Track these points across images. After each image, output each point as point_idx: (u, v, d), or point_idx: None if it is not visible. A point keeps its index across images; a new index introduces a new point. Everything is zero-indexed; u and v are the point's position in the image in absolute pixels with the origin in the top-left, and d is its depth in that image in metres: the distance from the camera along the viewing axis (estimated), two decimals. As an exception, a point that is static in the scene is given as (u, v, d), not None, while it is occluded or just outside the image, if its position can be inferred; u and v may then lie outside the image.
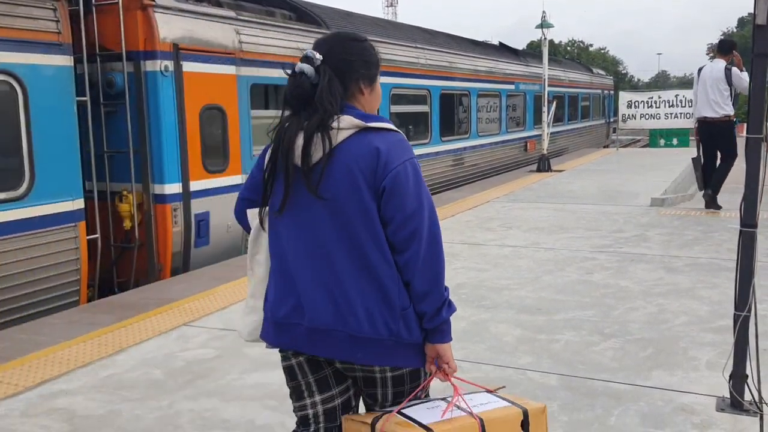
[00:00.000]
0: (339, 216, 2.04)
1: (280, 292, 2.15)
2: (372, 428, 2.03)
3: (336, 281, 2.06)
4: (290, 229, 2.12)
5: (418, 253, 2.03)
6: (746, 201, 3.43)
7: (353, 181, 2.02)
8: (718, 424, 3.40)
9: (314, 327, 2.09)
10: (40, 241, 6.02)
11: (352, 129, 2.05)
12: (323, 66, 2.08)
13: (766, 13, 3.24)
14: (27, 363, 4.43)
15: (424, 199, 2.06)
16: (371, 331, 2.05)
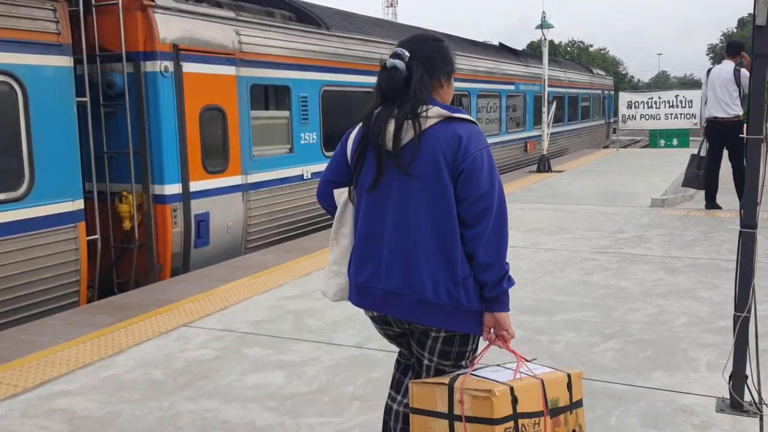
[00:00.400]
0: (422, 193, 2.34)
1: (362, 259, 2.48)
2: (450, 388, 2.28)
3: (411, 250, 2.36)
4: (378, 204, 2.42)
5: (486, 228, 2.31)
6: (746, 201, 3.43)
7: (436, 163, 2.32)
8: (718, 425, 3.40)
9: (388, 291, 2.41)
10: (40, 241, 6.02)
11: (438, 118, 2.36)
12: (414, 62, 2.38)
13: (766, 14, 3.24)
14: (27, 364, 4.43)
15: (496, 182, 2.34)
16: (435, 297, 2.34)
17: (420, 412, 2.38)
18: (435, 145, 2.33)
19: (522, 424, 2.22)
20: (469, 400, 2.23)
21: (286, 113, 9.29)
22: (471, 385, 2.26)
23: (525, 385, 2.27)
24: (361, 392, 3.89)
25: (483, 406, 2.20)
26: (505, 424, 2.19)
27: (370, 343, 4.69)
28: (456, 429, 2.27)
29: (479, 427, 2.22)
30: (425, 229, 2.35)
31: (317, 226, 9.78)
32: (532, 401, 2.26)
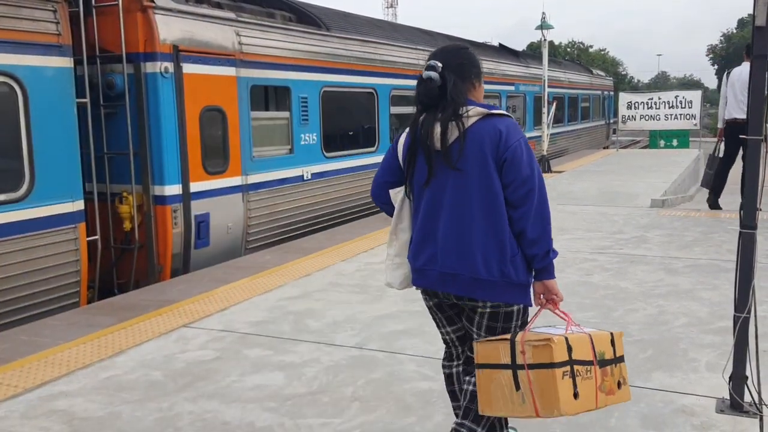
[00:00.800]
0: (470, 183, 2.65)
1: (420, 246, 2.79)
2: (512, 343, 2.56)
3: (464, 235, 2.67)
4: (431, 198, 2.74)
5: (531, 207, 2.61)
6: (746, 201, 3.43)
7: (482, 156, 2.63)
8: (718, 426, 3.40)
9: (445, 271, 2.71)
10: (40, 242, 6.02)
11: (478, 116, 2.67)
12: (446, 71, 2.69)
13: (765, 14, 3.24)
14: (27, 364, 4.43)
15: (535, 166, 2.65)
16: (487, 274, 2.65)
17: (485, 366, 2.65)
18: (479, 141, 2.64)
19: (577, 370, 2.50)
20: (530, 350, 2.52)
21: (286, 114, 9.29)
22: (531, 338, 2.54)
23: (577, 337, 2.57)
24: (360, 393, 3.89)
25: (543, 353, 2.48)
26: (563, 368, 2.47)
27: (370, 343, 4.70)
28: (519, 377, 2.54)
29: (541, 372, 2.49)
30: (475, 216, 2.66)
31: (317, 226, 9.78)
32: (583, 351, 2.56)
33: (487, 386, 2.64)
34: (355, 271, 6.76)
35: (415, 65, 12.71)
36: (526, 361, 2.53)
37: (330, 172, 10.13)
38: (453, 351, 2.99)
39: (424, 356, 4.44)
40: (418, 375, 4.13)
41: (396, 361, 4.37)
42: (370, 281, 6.36)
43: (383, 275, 3.08)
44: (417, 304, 5.59)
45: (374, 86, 11.34)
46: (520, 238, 2.66)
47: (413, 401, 3.77)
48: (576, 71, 25.89)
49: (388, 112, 11.73)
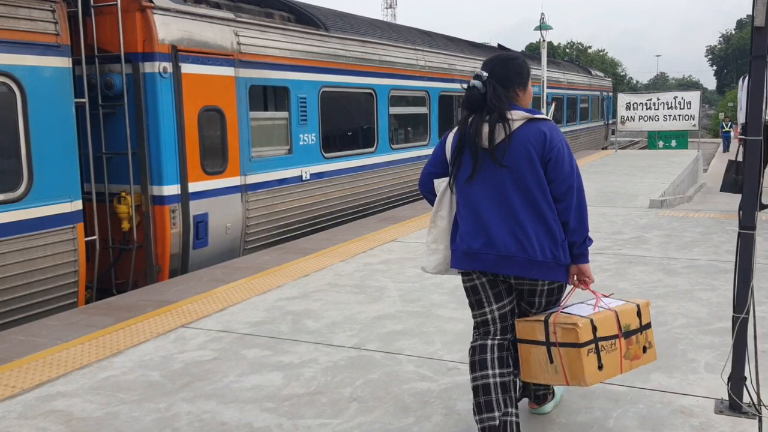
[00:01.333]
0: (518, 178, 3.01)
1: (473, 232, 3.10)
2: (545, 323, 3.01)
3: (517, 223, 3.03)
4: (479, 189, 3.08)
5: (572, 200, 3.01)
6: (744, 202, 3.43)
7: (528, 154, 2.99)
8: (717, 427, 3.39)
9: (502, 254, 3.05)
10: (38, 242, 6.01)
11: (523, 120, 3.02)
12: (489, 80, 3.07)
13: (764, 15, 3.24)
14: (25, 365, 4.42)
15: (574, 165, 3.05)
16: (542, 256, 3.02)
17: (524, 341, 3.13)
18: (525, 142, 3.00)
19: (601, 345, 2.95)
20: (560, 331, 2.96)
21: (284, 114, 9.28)
22: (561, 320, 2.98)
23: (602, 317, 2.99)
24: (359, 393, 3.88)
25: (570, 335, 2.93)
26: (588, 346, 2.91)
27: (369, 344, 4.69)
28: (552, 352, 3.01)
29: (569, 350, 2.94)
30: (522, 206, 3.02)
31: (316, 227, 9.78)
32: (608, 328, 2.98)
33: (527, 358, 3.12)
34: (354, 272, 6.76)
35: (414, 65, 12.72)
36: (557, 339, 2.98)
37: (329, 173, 10.13)
38: (489, 328, 3.22)
39: (422, 357, 4.43)
40: (417, 375, 4.13)
41: (394, 361, 4.37)
42: (368, 282, 6.35)
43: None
44: (415, 304, 5.59)
45: (373, 86, 11.34)
46: (563, 227, 3.06)
47: (412, 401, 3.76)
48: (575, 72, 25.91)
49: (387, 112, 11.73)
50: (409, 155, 12.57)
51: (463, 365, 4.26)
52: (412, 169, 12.68)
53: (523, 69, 3.17)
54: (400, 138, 12.63)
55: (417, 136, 13.19)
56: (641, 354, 3.09)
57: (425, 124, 13.32)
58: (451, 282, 6.26)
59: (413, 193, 12.75)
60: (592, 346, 2.92)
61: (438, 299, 5.72)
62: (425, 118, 13.30)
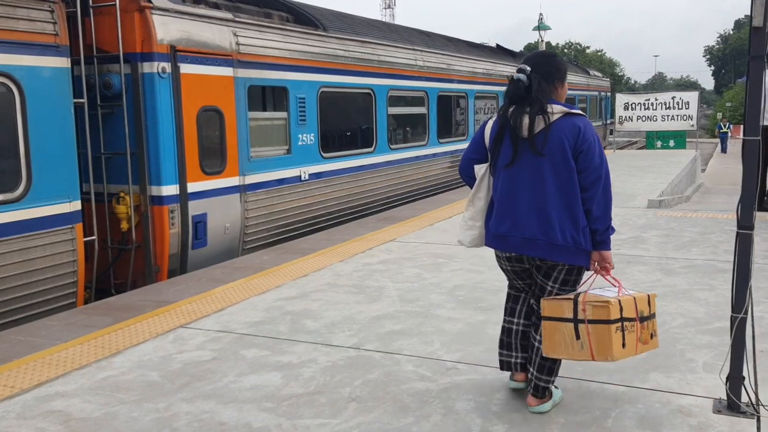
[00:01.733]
0: (551, 167, 3.30)
1: (503, 216, 3.42)
2: (575, 301, 3.27)
3: (543, 208, 3.32)
4: (514, 176, 3.38)
5: (598, 191, 3.28)
6: (743, 202, 3.43)
7: (563, 146, 3.29)
8: (715, 426, 3.40)
9: (526, 237, 3.37)
10: (37, 242, 6.01)
11: (561, 113, 3.33)
12: (534, 74, 3.35)
13: (762, 15, 3.25)
14: (23, 365, 4.42)
15: (603, 158, 3.33)
16: (563, 241, 3.31)
17: (550, 319, 3.35)
18: (561, 134, 3.29)
19: (625, 325, 3.23)
20: (590, 309, 3.23)
21: (283, 114, 9.28)
22: (591, 299, 3.26)
23: (626, 299, 3.28)
24: (358, 393, 3.89)
25: (602, 312, 3.20)
26: (616, 324, 3.20)
27: (368, 344, 4.69)
28: (579, 329, 3.25)
29: (599, 326, 3.21)
30: (553, 193, 3.30)
31: (315, 227, 9.78)
32: (630, 310, 3.27)
33: (552, 335, 3.35)
34: (353, 272, 6.76)
35: (413, 66, 12.72)
36: (586, 317, 3.23)
37: (327, 173, 10.13)
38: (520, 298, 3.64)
39: (421, 356, 4.43)
40: (416, 375, 4.13)
41: (393, 361, 4.37)
42: (367, 282, 6.36)
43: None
44: (414, 304, 5.60)
45: (372, 87, 11.34)
46: (586, 215, 3.32)
47: (410, 401, 3.76)
48: (573, 72, 25.89)
49: (385, 112, 11.73)
50: (407, 155, 12.58)
51: (462, 365, 4.27)
52: (410, 169, 12.68)
53: (562, 65, 3.50)
54: (398, 138, 12.63)
55: (415, 136, 13.19)
56: (649, 340, 3.39)
57: (424, 124, 13.33)
58: (450, 282, 6.27)
59: (412, 193, 12.76)
60: (619, 325, 3.21)
61: (437, 299, 5.72)
62: (424, 118, 13.31)
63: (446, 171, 14.21)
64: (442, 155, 14.00)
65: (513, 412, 3.60)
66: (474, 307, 5.50)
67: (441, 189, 13.75)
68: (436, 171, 13.76)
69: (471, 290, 5.99)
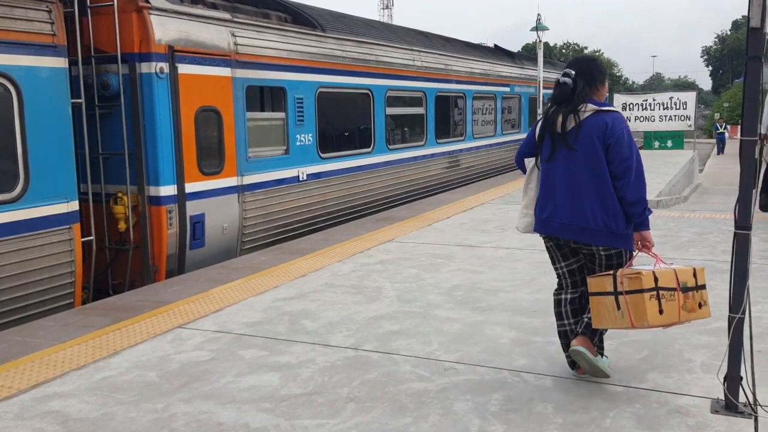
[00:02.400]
0: (583, 160, 3.70)
1: (544, 203, 3.90)
2: (614, 276, 3.61)
3: (576, 196, 3.74)
4: (554, 168, 3.83)
5: (630, 178, 3.65)
6: (740, 203, 3.44)
7: (592, 140, 3.68)
8: (713, 426, 3.40)
9: (562, 222, 3.81)
10: (34, 243, 6.00)
11: (591, 111, 3.71)
12: (578, 78, 3.76)
13: (760, 16, 3.25)
14: (21, 365, 4.41)
15: (633, 149, 3.69)
16: (594, 225, 3.71)
17: (595, 294, 3.71)
18: (591, 130, 3.69)
19: (661, 294, 3.55)
20: (626, 281, 3.56)
21: (281, 114, 9.28)
22: (626, 272, 3.60)
23: (663, 271, 3.62)
24: (356, 394, 3.89)
25: (635, 282, 3.53)
26: (650, 292, 3.51)
27: (366, 344, 4.69)
28: (619, 300, 3.58)
29: (634, 296, 3.53)
30: (585, 183, 3.71)
31: (313, 227, 9.77)
32: (667, 281, 3.58)
33: (598, 308, 3.69)
34: (351, 272, 6.76)
35: (411, 66, 12.72)
36: (624, 288, 3.55)
37: (326, 173, 10.13)
38: (562, 282, 4.02)
39: (419, 357, 4.44)
40: (414, 375, 4.13)
41: (391, 361, 4.37)
42: (365, 282, 6.36)
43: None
44: (412, 304, 5.60)
45: (370, 87, 11.34)
46: (622, 201, 3.67)
47: (408, 402, 3.76)
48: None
49: (383, 112, 11.73)
50: (405, 155, 12.58)
51: (460, 365, 4.27)
52: (409, 170, 12.68)
53: (602, 69, 3.90)
54: (396, 138, 12.63)
55: (414, 136, 13.19)
56: (697, 309, 3.68)
57: (422, 125, 13.33)
58: (448, 282, 6.27)
59: (410, 194, 12.76)
60: (653, 293, 3.52)
61: (435, 299, 5.72)
62: (422, 118, 13.31)
63: (444, 171, 14.21)
64: (440, 155, 14.01)
65: (511, 413, 3.60)
66: (472, 307, 5.50)
67: (439, 189, 13.75)
68: (435, 171, 13.76)
69: (469, 290, 5.99)
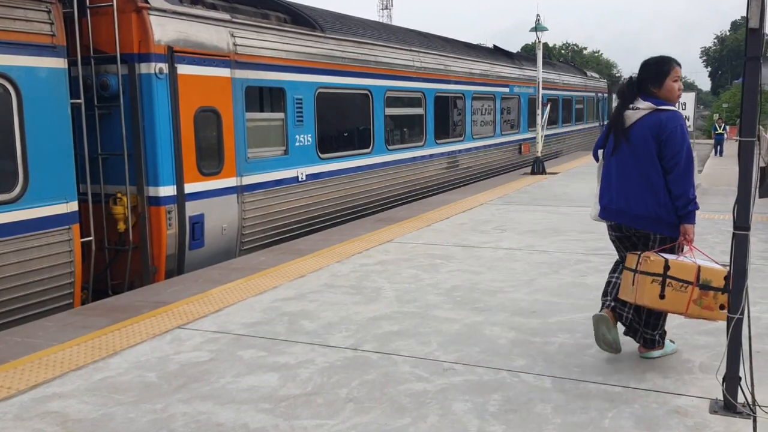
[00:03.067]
0: (638, 154, 4.09)
1: (603, 191, 4.32)
2: (639, 257, 3.99)
3: (631, 187, 4.12)
4: (613, 160, 4.23)
5: (679, 173, 3.99)
6: (739, 203, 3.44)
7: (646, 136, 4.05)
8: (712, 427, 3.41)
9: (617, 209, 4.21)
10: (34, 243, 6.00)
11: (648, 110, 4.10)
12: (638, 78, 4.23)
13: (758, 16, 3.26)
14: (20, 366, 4.41)
15: (684, 146, 4.01)
16: (645, 212, 4.08)
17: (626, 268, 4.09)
18: (646, 126, 4.07)
19: (669, 282, 3.86)
20: (643, 261, 3.93)
21: (281, 115, 9.28)
22: (647, 254, 3.95)
23: (680, 262, 3.90)
24: (355, 394, 3.89)
25: (645, 265, 3.91)
26: (653, 277, 3.87)
27: (365, 344, 4.69)
28: (635, 278, 3.93)
29: (643, 276, 3.90)
30: (639, 174, 4.08)
31: (312, 228, 9.77)
32: (682, 273, 3.86)
33: (624, 280, 4.10)
34: (350, 272, 6.76)
35: (410, 67, 12.73)
36: (639, 268, 3.92)
37: (325, 174, 10.13)
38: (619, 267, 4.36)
39: (418, 357, 4.44)
40: (413, 376, 4.13)
41: (390, 362, 4.37)
42: (364, 282, 6.36)
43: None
44: (411, 305, 5.60)
45: (369, 87, 11.35)
46: (670, 193, 4.00)
47: (407, 402, 3.77)
48: (570, 73, 25.93)
49: (383, 113, 11.73)
50: (404, 156, 12.58)
51: (459, 365, 4.27)
52: (408, 170, 12.69)
53: (659, 70, 4.19)
54: (396, 139, 12.64)
55: (413, 136, 13.19)
56: (715, 309, 3.83)
57: (421, 125, 13.33)
58: (447, 283, 6.28)
59: (409, 194, 12.76)
60: (658, 279, 3.85)
61: (434, 300, 5.73)
62: (421, 119, 13.31)
63: (443, 172, 14.21)
64: (440, 156, 14.01)
65: (510, 413, 3.60)
66: (471, 307, 5.50)
67: (438, 190, 13.76)
68: (434, 172, 13.76)
69: (468, 291, 6.00)
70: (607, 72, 69.37)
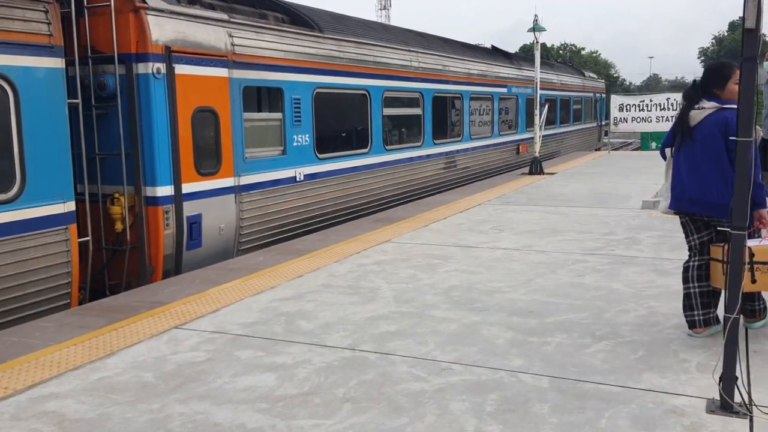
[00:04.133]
0: (705, 149, 4.50)
1: (675, 183, 4.70)
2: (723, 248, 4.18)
3: (702, 178, 4.51)
4: (682, 156, 4.65)
5: None
6: (735, 203, 3.45)
7: (713, 133, 4.47)
8: (708, 426, 3.41)
9: (691, 198, 4.59)
10: (31, 243, 6.00)
11: (713, 108, 4.53)
12: (702, 80, 4.69)
13: (755, 16, 3.26)
14: (17, 366, 4.41)
15: None
16: (718, 198, 4.41)
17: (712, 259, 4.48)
18: (712, 124, 4.48)
19: (756, 267, 4.21)
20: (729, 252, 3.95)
21: (278, 115, 9.28)
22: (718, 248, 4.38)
23: (761, 247, 4.24)
24: (352, 394, 3.89)
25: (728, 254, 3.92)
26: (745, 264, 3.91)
27: (362, 345, 4.70)
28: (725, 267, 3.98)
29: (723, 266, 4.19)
30: (709, 168, 4.47)
31: (310, 228, 9.77)
32: (766, 256, 4.21)
33: (713, 270, 4.46)
34: (348, 273, 6.76)
35: (408, 67, 12.73)
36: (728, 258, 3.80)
37: (322, 174, 10.13)
38: (692, 252, 4.76)
39: (415, 357, 4.44)
40: (410, 376, 4.13)
41: (388, 362, 4.38)
42: (362, 282, 6.36)
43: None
44: (409, 305, 5.60)
45: (367, 88, 11.35)
46: None
47: (405, 402, 3.77)
48: (568, 73, 25.94)
49: (381, 113, 11.73)
50: (402, 156, 12.58)
51: (457, 365, 4.28)
52: (406, 170, 12.69)
53: (729, 72, 4.54)
54: (394, 139, 12.64)
55: (411, 137, 13.20)
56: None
57: (419, 126, 13.34)
58: (445, 283, 6.28)
59: (407, 194, 12.76)
60: (747, 266, 3.89)
61: (431, 300, 5.73)
62: (419, 119, 13.32)
63: (441, 172, 14.22)
64: (437, 156, 14.01)
65: (507, 413, 3.60)
66: (469, 308, 5.50)
67: (436, 190, 13.76)
68: (432, 172, 13.77)
69: (466, 291, 6.00)
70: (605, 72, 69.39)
